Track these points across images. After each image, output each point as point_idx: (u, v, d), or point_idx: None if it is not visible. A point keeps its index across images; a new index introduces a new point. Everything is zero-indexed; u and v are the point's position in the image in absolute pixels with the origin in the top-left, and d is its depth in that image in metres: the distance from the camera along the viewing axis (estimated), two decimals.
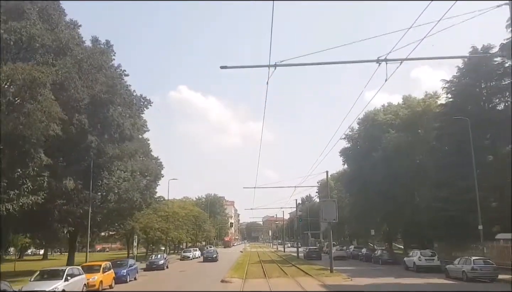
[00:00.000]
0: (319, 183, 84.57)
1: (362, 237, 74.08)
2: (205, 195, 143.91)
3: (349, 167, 54.36)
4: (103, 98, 28.40)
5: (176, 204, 63.02)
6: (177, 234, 52.34)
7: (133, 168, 38.30)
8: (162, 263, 38.43)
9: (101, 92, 28.04)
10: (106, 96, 28.57)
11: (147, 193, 41.91)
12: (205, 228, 78.54)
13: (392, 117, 45.28)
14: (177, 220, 52.72)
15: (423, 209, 38.10)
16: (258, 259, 51.47)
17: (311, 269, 33.77)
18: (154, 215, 49.23)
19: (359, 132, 50.50)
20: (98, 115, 29.07)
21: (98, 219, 35.84)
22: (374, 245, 61.18)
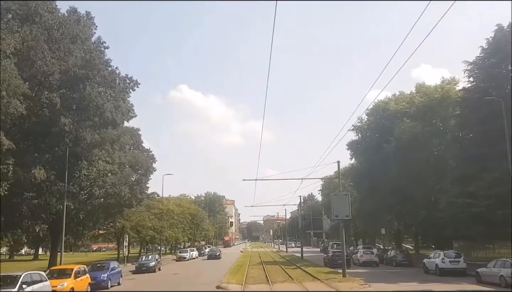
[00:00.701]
0: (323, 180, 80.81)
1: (369, 237, 70.18)
2: (204, 194, 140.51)
3: (357, 161, 50.43)
4: (79, 74, 24.52)
5: (172, 202, 59.18)
6: (172, 233, 48.55)
7: (121, 160, 34.46)
8: (153, 265, 34.65)
9: (75, 66, 24.15)
10: (83, 72, 24.69)
11: (137, 188, 38.11)
12: (203, 227, 74.64)
13: (406, 106, 41.38)
14: (171, 218, 48.92)
15: (444, 205, 34.20)
16: (259, 260, 47.67)
17: (319, 272, 29.95)
18: (147, 212, 45.45)
19: (369, 123, 46.61)
20: (73, 94, 25.24)
21: (81, 216, 31.98)
22: (384, 245, 57.37)
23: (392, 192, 41.96)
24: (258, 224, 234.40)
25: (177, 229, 52.10)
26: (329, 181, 77.60)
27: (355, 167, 51.73)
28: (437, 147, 39.26)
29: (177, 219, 50.99)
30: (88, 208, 32.39)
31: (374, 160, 44.40)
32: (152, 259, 35.73)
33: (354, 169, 52.05)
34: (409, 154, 38.44)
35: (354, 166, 52.70)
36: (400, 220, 48.42)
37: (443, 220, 35.17)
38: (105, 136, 27.41)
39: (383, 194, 44.79)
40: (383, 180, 43.56)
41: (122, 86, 29.54)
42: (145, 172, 38.54)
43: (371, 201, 48.93)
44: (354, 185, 57.04)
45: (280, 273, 30.44)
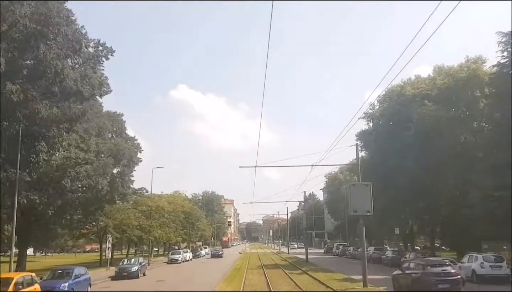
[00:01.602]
0: (327, 177, 75.93)
1: (376, 237, 65.26)
2: (202, 192, 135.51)
3: (368, 153, 45.42)
4: (30, 29, 19.61)
5: (165, 199, 54.25)
6: (162, 233, 43.64)
7: (99, 148, 29.53)
8: (135, 270, 29.72)
9: (24, 17, 19.22)
10: (35, 27, 19.75)
11: (119, 181, 33.22)
12: (199, 227, 69.64)
13: (426, 88, 36.47)
14: (162, 216, 44.01)
15: (477, 200, 29.26)
16: (259, 263, 42.78)
17: (331, 279, 25.13)
18: (133, 210, 40.57)
19: (382, 110, 41.68)
20: (23, 55, 20.34)
21: (50, 213, 27.02)
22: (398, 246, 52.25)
23: (409, 186, 37.17)
24: (257, 224, 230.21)
25: (169, 228, 47.13)
26: (333, 177, 72.63)
27: (365, 159, 46.71)
28: (463, 133, 34.35)
29: (168, 217, 46.05)
30: (58, 202, 27.43)
31: (387, 150, 39.55)
32: (135, 263, 30.79)
33: (364, 161, 47.02)
34: (431, 141, 33.57)
35: (365, 158, 47.72)
36: (416, 218, 43.57)
37: (471, 217, 30.37)
38: (67, 111, 22.44)
39: (397, 188, 40.01)
40: (398, 172, 38.76)
41: (93, 53, 24.70)
42: (129, 163, 33.52)
43: (383, 196, 44.02)
44: (363, 180, 52.07)
45: (284, 280, 25.59)
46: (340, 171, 72.36)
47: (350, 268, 35.14)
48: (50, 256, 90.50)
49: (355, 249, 52.85)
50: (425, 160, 34.55)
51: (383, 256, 39.87)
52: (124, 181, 33.12)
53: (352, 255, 50.93)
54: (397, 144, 39.06)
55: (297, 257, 55.42)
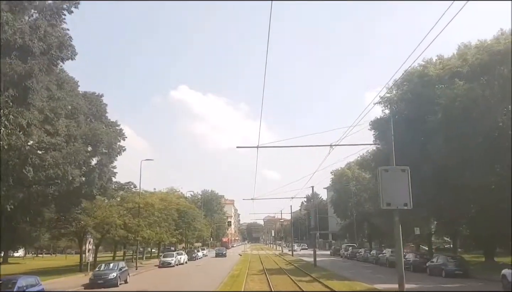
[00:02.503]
0: (333, 174, 70.79)
1: (388, 237, 60.30)
2: (201, 191, 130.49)
3: (384, 143, 40.30)
4: None
5: (158, 196, 49.28)
6: (151, 233, 38.70)
7: (71, 132, 24.65)
8: (113, 277, 24.87)
9: None
10: None
11: (96, 172, 28.37)
12: (196, 226, 64.64)
13: (457, 64, 31.51)
14: (151, 214, 39.11)
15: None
16: (260, 267, 37.92)
17: (351, 289, 20.22)
18: (118, 206, 35.67)
19: (401, 94, 36.68)
20: None
21: (9, 208, 22.15)
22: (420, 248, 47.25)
23: (433, 180, 32.31)
24: (258, 224, 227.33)
25: (160, 227, 42.22)
26: (340, 173, 67.56)
27: (380, 150, 41.75)
28: (502, 116, 29.35)
29: (159, 216, 41.14)
30: (19, 196, 22.59)
31: (407, 138, 34.52)
32: (114, 268, 25.88)
33: (379, 152, 42.07)
34: (462, 126, 28.57)
35: (380, 150, 42.73)
36: (440, 216, 38.68)
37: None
38: (6, 70, 17.45)
39: (418, 182, 35.14)
40: (420, 164, 33.90)
41: (52, 5, 19.92)
42: (108, 151, 28.55)
43: None
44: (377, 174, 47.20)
45: (292, 289, 20.69)
46: (348, 166, 67.34)
47: (368, 274, 30.28)
48: (40, 257, 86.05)
49: (367, 251, 47.96)
50: (453, 149, 29.64)
51: (403, 259, 34.81)
52: (102, 172, 28.20)
53: (364, 258, 46.02)
54: (419, 132, 34.28)
55: (303, 260, 50.54)
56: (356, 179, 65.46)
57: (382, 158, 41.11)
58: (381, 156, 41.74)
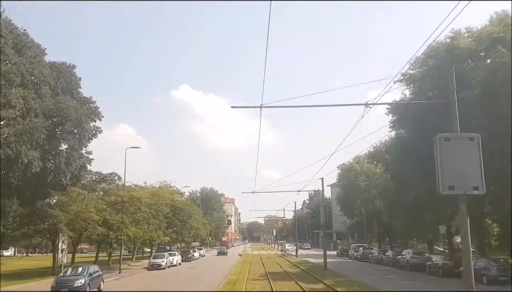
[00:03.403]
0: (340, 168, 65.75)
1: (402, 236, 55.45)
2: (200, 189, 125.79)
3: (404, 130, 35.33)
4: None
5: (149, 191, 44.47)
6: (138, 231, 33.72)
7: (30, 105, 19.73)
8: (80, 285, 20.04)
9: None
10: None
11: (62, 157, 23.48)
12: (192, 225, 59.72)
13: (498, 29, 26.57)
14: (138, 210, 34.21)
15: None
16: (262, 270, 33.11)
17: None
18: (98, 200, 30.80)
19: (425, 71, 31.68)
20: None
21: None
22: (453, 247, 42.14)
23: None
24: (259, 224, 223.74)
25: (149, 225, 37.30)
26: (347, 168, 62.58)
27: (399, 137, 36.78)
28: None
29: (148, 212, 36.21)
30: None
31: (432, 122, 29.86)
32: (82, 273, 21.01)
33: (397, 139, 37.07)
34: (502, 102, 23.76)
35: (398, 136, 37.78)
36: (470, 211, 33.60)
37: None
38: None
39: None
40: None
41: None
42: (79, 132, 23.61)
43: (422, 184, 34.34)
44: (394, 166, 42.15)
45: None
46: (356, 160, 62.38)
47: (393, 281, 25.40)
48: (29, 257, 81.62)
49: (381, 252, 43.04)
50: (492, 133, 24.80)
51: (429, 262, 29.95)
52: (71, 157, 23.35)
53: (378, 260, 41.11)
54: (443, 117, 29.47)
55: (309, 262, 45.66)
56: (365, 174, 60.50)
57: (402, 145, 36.31)
58: (401, 144, 36.89)
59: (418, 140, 31.71)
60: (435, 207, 34.49)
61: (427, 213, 40.53)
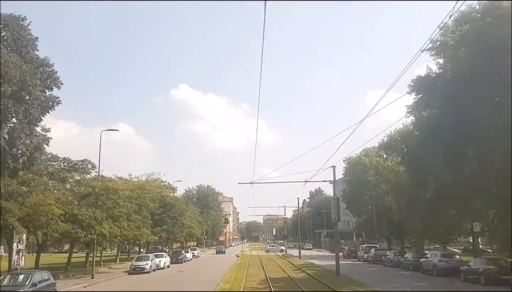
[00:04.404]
0: (346, 162, 60.35)
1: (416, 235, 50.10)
2: (197, 186, 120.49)
3: (438, 109, 29.45)
4: None
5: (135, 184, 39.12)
6: (115, 229, 28.27)
7: None
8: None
9: None
10: None
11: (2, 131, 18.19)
12: (184, 223, 54.36)
13: None
14: (115, 204, 28.85)
15: None
16: (262, 275, 27.91)
17: None
18: (63, 190, 25.49)
19: (459, 37, 26.38)
20: None
21: None
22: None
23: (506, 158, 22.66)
24: (257, 223, 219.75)
25: (130, 222, 31.90)
26: (355, 162, 57.21)
27: (421, 121, 31.45)
28: None
29: (128, 206, 30.81)
30: None
31: (472, 97, 24.76)
32: (24, 283, 15.77)
33: (419, 123, 31.74)
34: None
35: (420, 119, 32.44)
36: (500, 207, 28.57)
37: None
38: None
39: (483, 161, 25.22)
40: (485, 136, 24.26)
41: None
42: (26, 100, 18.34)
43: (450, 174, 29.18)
44: (411, 156, 36.97)
45: None
46: (365, 153, 57.11)
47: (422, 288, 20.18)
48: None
49: (397, 254, 37.78)
50: None
51: (464, 267, 24.66)
52: (16, 132, 18.12)
53: (394, 263, 35.90)
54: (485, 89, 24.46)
55: (314, 264, 40.49)
56: (374, 168, 55.19)
57: (426, 130, 31.05)
58: (424, 128, 31.60)
59: (451, 120, 26.62)
60: (462, 201, 29.45)
61: (450, 209, 35.54)
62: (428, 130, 29.63)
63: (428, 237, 44.49)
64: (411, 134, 40.52)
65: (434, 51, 27.21)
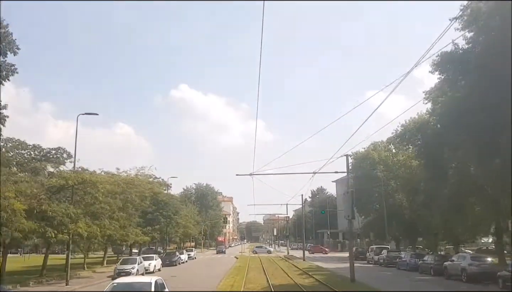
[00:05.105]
0: (352, 157, 56.32)
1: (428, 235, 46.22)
2: (195, 185, 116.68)
3: (467, 87, 25.41)
4: None
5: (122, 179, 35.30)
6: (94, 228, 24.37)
7: None
8: None
9: None
10: None
11: None
12: (179, 222, 50.45)
13: None
14: (94, 199, 25.00)
15: None
16: (264, 282, 24.09)
17: None
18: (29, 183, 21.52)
19: (494, 4, 22.49)
20: None
21: None
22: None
23: None
24: (258, 223, 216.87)
25: (112, 220, 27.92)
26: (362, 156, 53.39)
27: (450, 100, 27.31)
28: None
29: (111, 202, 26.94)
30: None
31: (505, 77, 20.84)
32: None
33: (448, 103, 27.58)
34: None
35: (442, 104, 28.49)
36: None
37: None
38: None
39: None
40: None
41: None
42: None
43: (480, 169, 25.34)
44: (429, 147, 33.06)
45: None
46: (373, 147, 53.29)
47: None
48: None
49: (414, 256, 33.90)
50: None
51: (504, 272, 20.77)
52: None
53: (411, 266, 32.07)
54: None
55: (321, 268, 36.64)
56: (383, 163, 51.37)
57: (449, 115, 27.17)
58: (446, 113, 27.68)
59: (484, 102, 22.79)
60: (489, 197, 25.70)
61: (474, 206, 31.77)
62: (453, 114, 25.74)
63: (446, 237, 40.64)
64: (427, 124, 36.83)
65: (464, 22, 23.16)
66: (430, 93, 32.62)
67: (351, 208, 23.25)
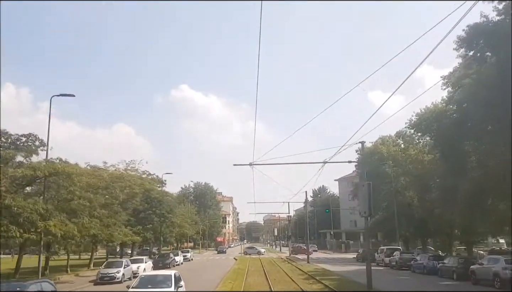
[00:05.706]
0: (358, 153, 53.08)
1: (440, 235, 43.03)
2: (194, 184, 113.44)
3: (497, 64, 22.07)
4: None
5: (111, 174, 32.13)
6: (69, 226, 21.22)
7: None
8: None
9: None
10: None
11: None
12: (174, 221, 47.19)
13: None
14: (71, 194, 21.82)
15: None
16: (266, 288, 20.88)
17: None
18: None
19: None
20: None
21: None
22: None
23: None
24: (258, 223, 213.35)
25: (92, 218, 24.72)
26: (370, 151, 49.95)
27: (477, 82, 24.03)
28: None
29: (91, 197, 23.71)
30: None
31: None
32: None
33: (475, 84, 24.24)
34: None
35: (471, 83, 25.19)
36: None
37: None
38: None
39: None
40: None
41: None
42: None
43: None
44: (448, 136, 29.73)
45: None
46: (381, 141, 50.04)
47: None
48: None
49: (432, 259, 30.58)
50: None
51: None
52: None
53: (429, 269, 28.85)
54: None
55: (330, 271, 33.43)
56: (392, 158, 48.11)
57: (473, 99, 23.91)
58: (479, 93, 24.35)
59: None
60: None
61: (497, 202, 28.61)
62: (480, 97, 22.50)
63: (461, 237, 37.44)
64: (443, 113, 33.68)
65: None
66: (449, 77, 29.48)
67: (368, 203, 19.99)
